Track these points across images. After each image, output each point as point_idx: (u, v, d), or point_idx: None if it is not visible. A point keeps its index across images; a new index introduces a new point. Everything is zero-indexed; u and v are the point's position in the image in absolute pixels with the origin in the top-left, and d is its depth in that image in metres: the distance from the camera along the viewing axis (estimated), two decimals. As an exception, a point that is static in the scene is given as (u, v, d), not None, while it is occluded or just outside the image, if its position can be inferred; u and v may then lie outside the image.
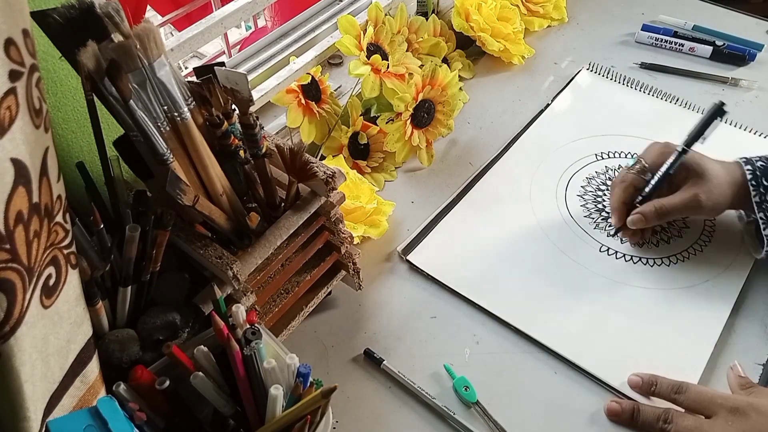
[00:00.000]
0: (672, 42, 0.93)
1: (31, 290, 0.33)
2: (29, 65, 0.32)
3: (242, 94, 0.45)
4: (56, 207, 0.36)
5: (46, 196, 0.34)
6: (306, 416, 0.39)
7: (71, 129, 0.49)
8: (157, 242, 0.45)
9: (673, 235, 0.68)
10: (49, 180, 0.35)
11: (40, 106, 0.34)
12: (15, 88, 0.31)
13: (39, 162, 0.33)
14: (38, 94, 0.33)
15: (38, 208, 0.33)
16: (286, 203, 0.52)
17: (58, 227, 0.36)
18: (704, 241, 0.67)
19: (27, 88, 0.32)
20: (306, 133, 0.72)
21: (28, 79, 0.32)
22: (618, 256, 0.66)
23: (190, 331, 0.48)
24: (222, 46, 1.57)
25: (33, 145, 0.33)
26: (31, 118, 0.32)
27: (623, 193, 0.66)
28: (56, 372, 0.38)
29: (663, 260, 0.66)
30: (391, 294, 0.64)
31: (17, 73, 0.31)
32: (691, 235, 0.68)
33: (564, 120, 0.82)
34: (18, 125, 0.31)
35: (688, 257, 0.66)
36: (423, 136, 0.76)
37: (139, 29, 0.40)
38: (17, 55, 0.31)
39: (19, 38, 0.31)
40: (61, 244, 0.37)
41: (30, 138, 0.32)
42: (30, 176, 0.32)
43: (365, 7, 0.90)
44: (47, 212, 0.34)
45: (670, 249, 0.67)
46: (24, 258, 0.32)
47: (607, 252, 0.67)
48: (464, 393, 0.55)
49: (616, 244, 0.67)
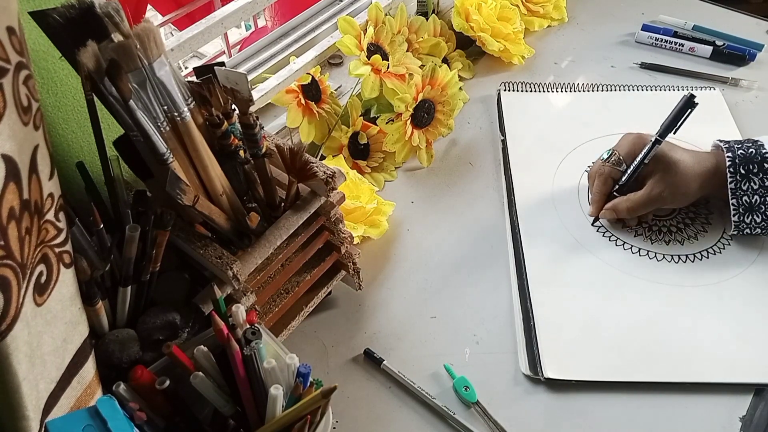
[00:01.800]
0: (672, 42, 0.93)
1: (25, 287, 0.33)
2: (15, 62, 0.32)
3: (242, 94, 0.45)
4: (47, 205, 0.36)
5: (36, 193, 0.34)
6: (306, 416, 0.39)
7: (71, 129, 0.49)
8: (157, 242, 0.45)
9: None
10: (39, 178, 0.35)
11: (29, 103, 0.34)
12: (1, 84, 0.31)
13: (28, 159, 0.34)
14: (26, 92, 0.34)
15: (28, 205, 0.33)
16: (286, 203, 0.52)
17: (48, 225, 0.36)
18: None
19: (13, 86, 0.32)
20: (305, 133, 0.72)
21: (14, 76, 0.32)
22: (634, 250, 0.67)
23: (190, 331, 0.48)
24: (222, 46, 1.57)
25: (21, 142, 0.33)
26: (19, 115, 0.33)
27: (603, 186, 0.69)
28: (53, 371, 0.38)
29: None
30: (391, 294, 0.64)
31: (2, 70, 0.31)
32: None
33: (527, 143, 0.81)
34: (5, 122, 0.31)
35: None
36: (423, 136, 0.76)
37: (139, 29, 0.40)
38: (2, 52, 0.31)
39: (4, 36, 0.31)
40: (51, 242, 0.37)
41: (18, 135, 0.32)
42: (20, 173, 0.32)
43: (365, 7, 0.89)
44: (37, 209, 0.35)
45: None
46: (17, 254, 0.32)
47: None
48: (464, 393, 0.55)
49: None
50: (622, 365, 0.57)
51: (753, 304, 0.61)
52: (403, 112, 0.73)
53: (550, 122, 0.82)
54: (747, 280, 0.64)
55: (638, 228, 0.69)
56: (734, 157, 0.64)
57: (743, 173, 0.64)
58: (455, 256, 0.68)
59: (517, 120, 0.82)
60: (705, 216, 0.70)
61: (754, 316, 0.60)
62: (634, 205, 0.67)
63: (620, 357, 0.57)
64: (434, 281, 0.65)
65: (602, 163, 0.69)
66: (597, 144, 0.78)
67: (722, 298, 0.62)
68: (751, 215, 0.64)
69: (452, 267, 0.67)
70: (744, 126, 0.81)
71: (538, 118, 0.83)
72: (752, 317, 0.60)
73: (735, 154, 0.64)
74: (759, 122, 0.81)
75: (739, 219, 0.65)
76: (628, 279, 0.64)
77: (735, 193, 0.64)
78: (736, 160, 0.64)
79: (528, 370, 0.57)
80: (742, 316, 0.60)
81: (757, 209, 0.64)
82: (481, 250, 0.68)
